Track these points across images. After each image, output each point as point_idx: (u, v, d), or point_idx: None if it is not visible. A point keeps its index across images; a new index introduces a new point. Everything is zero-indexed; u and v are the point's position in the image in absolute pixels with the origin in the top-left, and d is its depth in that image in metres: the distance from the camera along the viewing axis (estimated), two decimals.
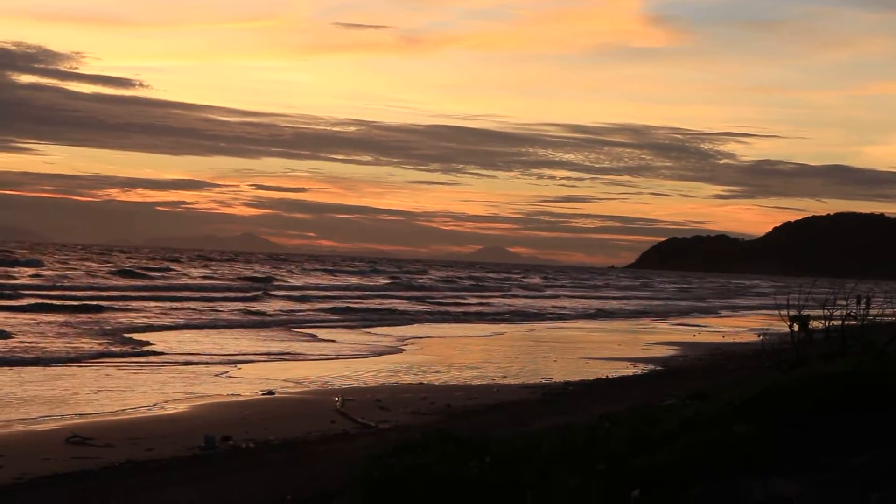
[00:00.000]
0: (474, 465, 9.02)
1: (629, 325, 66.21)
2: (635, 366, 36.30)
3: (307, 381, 29.11)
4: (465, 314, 68.70)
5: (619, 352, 43.01)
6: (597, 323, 67.68)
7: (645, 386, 28.17)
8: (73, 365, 31.19)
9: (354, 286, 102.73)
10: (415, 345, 43.58)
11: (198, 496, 12.81)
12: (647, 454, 9.04)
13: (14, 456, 17.08)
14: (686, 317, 78.62)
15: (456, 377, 31.69)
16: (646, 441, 9.30)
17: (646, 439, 9.34)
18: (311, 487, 10.81)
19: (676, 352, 43.87)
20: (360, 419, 21.69)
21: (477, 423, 19.90)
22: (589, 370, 34.38)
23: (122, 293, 69.21)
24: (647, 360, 38.87)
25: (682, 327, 64.57)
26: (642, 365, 36.65)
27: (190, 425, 20.74)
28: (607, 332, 58.13)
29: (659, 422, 9.87)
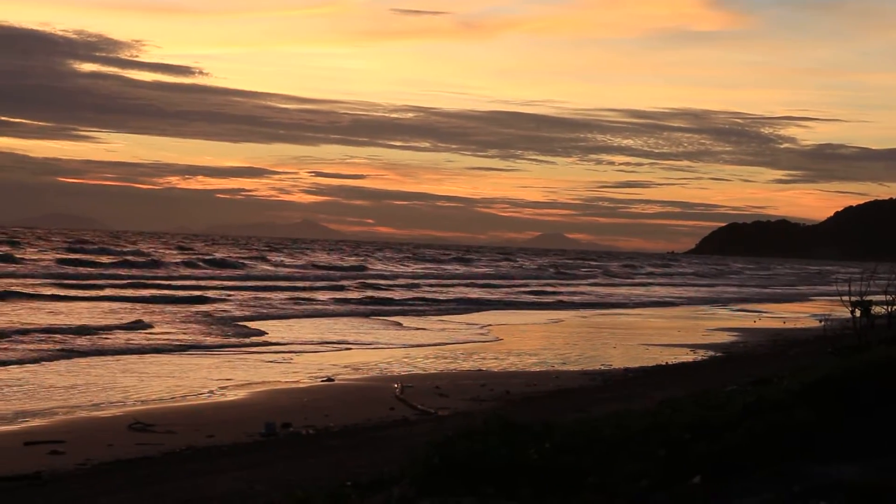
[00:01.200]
0: (534, 451, 9.00)
1: (688, 312, 65.87)
2: (695, 352, 36.12)
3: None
4: (562, 303, 68.62)
5: (678, 338, 42.81)
6: (658, 309, 67.42)
7: (705, 372, 28.02)
8: (207, 354, 31.84)
9: (449, 274, 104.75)
10: (487, 332, 43.66)
11: (258, 482, 12.86)
12: (708, 440, 8.98)
13: (79, 441, 17.26)
14: (746, 303, 78.11)
15: (515, 364, 31.68)
16: (707, 427, 9.24)
17: (707, 425, 9.28)
18: (370, 473, 10.82)
19: (737, 338, 43.63)
20: (420, 406, 21.72)
21: (536, 409, 19.87)
22: (649, 357, 34.26)
23: (221, 282, 70.54)
24: (707, 346, 38.68)
25: (742, 313, 64.20)
26: (702, 351, 36.47)
27: (251, 412, 20.87)
28: (666, 319, 57.90)
29: (720, 407, 9.81)
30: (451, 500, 8.40)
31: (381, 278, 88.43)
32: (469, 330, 44.37)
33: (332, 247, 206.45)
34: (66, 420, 19.94)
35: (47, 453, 16.34)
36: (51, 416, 20.27)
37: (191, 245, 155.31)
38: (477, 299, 66.54)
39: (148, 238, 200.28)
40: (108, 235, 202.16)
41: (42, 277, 65.95)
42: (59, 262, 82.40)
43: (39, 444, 17.02)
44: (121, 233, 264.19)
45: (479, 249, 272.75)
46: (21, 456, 16.13)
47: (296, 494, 9.52)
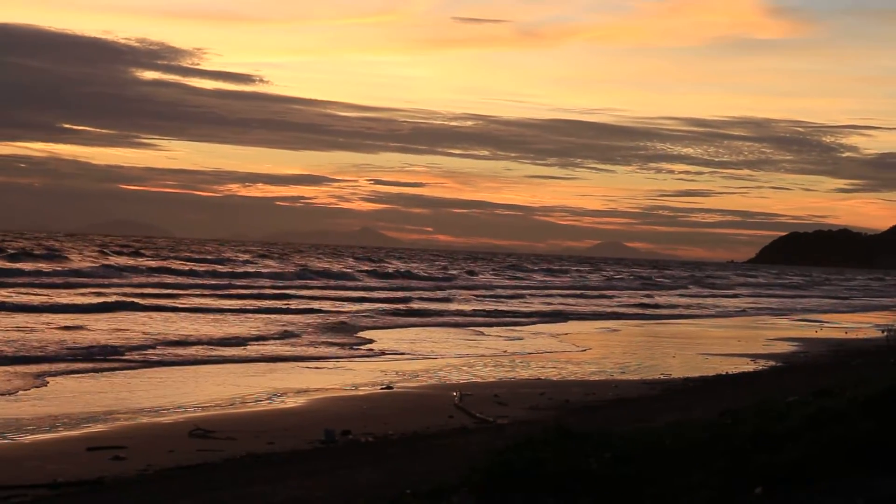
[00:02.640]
0: (594, 460, 8.99)
1: (748, 321, 65.46)
2: (756, 362, 35.88)
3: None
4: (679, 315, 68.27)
5: (738, 348, 42.55)
6: (722, 319, 67.04)
7: (766, 382, 27.81)
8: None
9: (540, 284, 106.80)
10: (562, 340, 43.59)
11: (317, 490, 12.91)
12: (769, 451, 8.93)
13: (140, 447, 17.39)
14: (808, 313, 77.51)
15: (574, 372, 31.60)
16: (768, 437, 9.19)
17: (768, 436, 9.23)
18: (430, 482, 10.82)
19: (798, 348, 43.31)
20: (478, 414, 21.71)
21: (595, 418, 19.81)
22: (708, 366, 34.05)
23: (324, 292, 71.06)
24: (767, 356, 38.42)
25: (803, 323, 63.72)
26: (763, 361, 36.22)
27: (311, 419, 20.94)
28: (726, 328, 57.55)
29: (781, 418, 9.75)
30: None
31: (477, 289, 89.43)
32: (541, 339, 44.34)
33: (404, 255, 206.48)
34: (127, 426, 20.10)
35: (109, 459, 16.47)
36: (112, 422, 20.45)
37: (283, 253, 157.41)
38: (570, 311, 66.17)
39: (231, 246, 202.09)
40: (194, 244, 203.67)
41: (151, 287, 66.60)
42: (153, 270, 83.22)
43: (102, 450, 17.16)
44: (184, 239, 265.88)
45: (559, 259, 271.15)
46: (84, 461, 16.27)
47: (357, 502, 9.55)
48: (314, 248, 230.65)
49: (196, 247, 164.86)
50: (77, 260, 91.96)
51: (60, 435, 19.01)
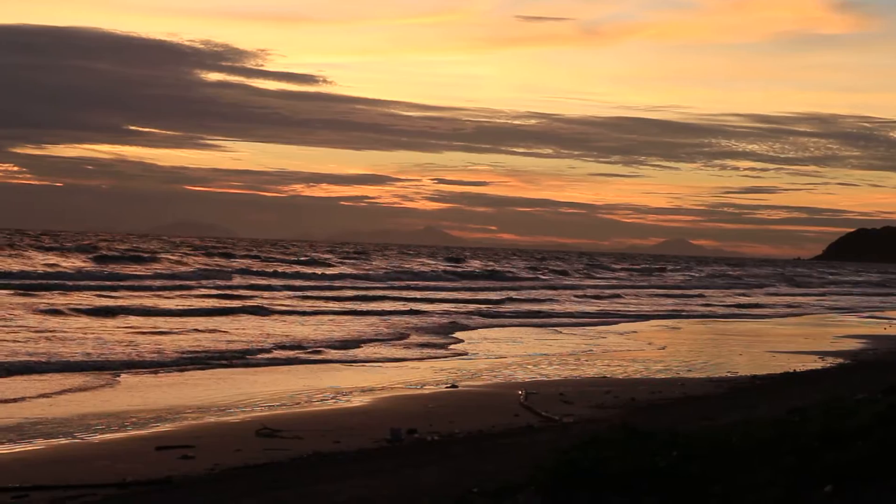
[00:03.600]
0: (660, 459, 8.95)
1: (815, 319, 64.93)
2: (823, 359, 35.60)
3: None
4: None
5: (806, 345, 42.22)
6: (790, 317, 66.55)
7: (834, 380, 27.59)
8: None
9: (629, 283, 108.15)
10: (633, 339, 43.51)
11: (384, 488, 12.95)
12: (838, 449, 8.85)
13: (208, 446, 17.52)
14: (875, 310, 76.76)
15: (639, 371, 31.48)
16: (837, 436, 9.11)
17: (837, 434, 9.15)
18: (495, 480, 10.83)
19: (866, 345, 42.91)
20: (544, 412, 21.68)
21: (662, 417, 19.73)
22: (776, 364, 33.81)
23: (422, 293, 71.54)
24: (835, 353, 38.10)
25: (871, 320, 63.10)
26: (831, 358, 35.93)
27: (376, 418, 21.00)
28: (793, 326, 57.14)
29: (850, 416, 9.66)
30: None
31: (573, 288, 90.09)
32: (617, 337, 44.26)
33: (482, 254, 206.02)
34: (195, 425, 20.25)
35: (178, 458, 16.61)
36: (181, 421, 20.61)
37: (359, 252, 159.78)
38: (684, 311, 66.02)
39: (305, 246, 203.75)
40: (270, 244, 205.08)
41: (278, 290, 67.35)
42: (250, 272, 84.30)
43: (170, 449, 17.31)
44: (256, 240, 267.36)
45: (630, 257, 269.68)
46: (153, 460, 16.42)
47: (422, 501, 9.57)
48: (386, 248, 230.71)
49: (274, 247, 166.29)
50: (173, 262, 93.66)
51: (129, 434, 19.19)
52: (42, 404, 22.20)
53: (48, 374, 26.24)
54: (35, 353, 29.85)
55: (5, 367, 26.63)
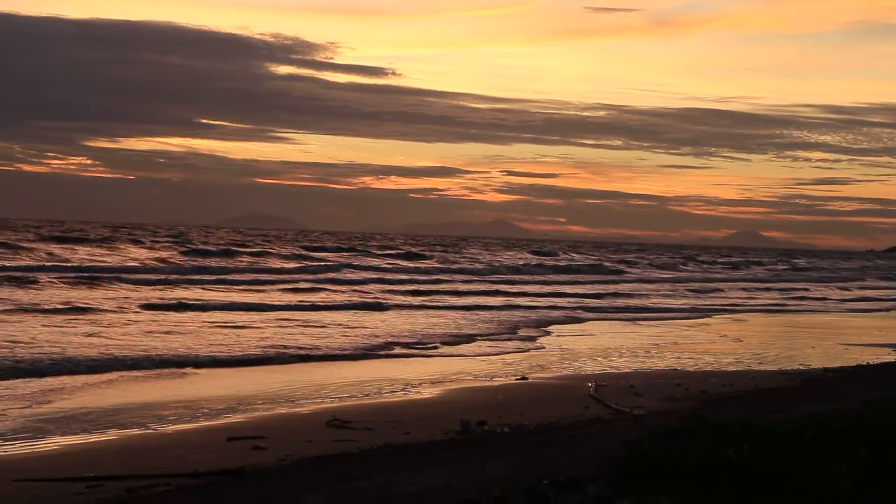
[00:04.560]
0: (732, 451, 8.90)
1: (887, 312, 64.21)
2: None
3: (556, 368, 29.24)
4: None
5: (879, 338, 41.79)
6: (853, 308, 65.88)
7: None
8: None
9: (725, 276, 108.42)
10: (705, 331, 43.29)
11: (454, 480, 12.96)
12: None
13: (279, 437, 17.62)
14: None
15: (710, 363, 31.30)
16: None
17: None
18: (566, 472, 10.81)
19: None
20: (614, 405, 21.61)
21: (733, 409, 19.59)
22: (849, 356, 33.51)
23: (526, 287, 71.53)
24: None
25: None
26: None
27: (446, 409, 21.03)
28: (865, 318, 56.58)
29: None
30: (648, 500, 8.35)
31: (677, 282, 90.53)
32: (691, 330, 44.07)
33: (563, 247, 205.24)
34: (266, 416, 20.39)
35: (250, 448, 16.72)
36: (252, 412, 20.76)
37: (447, 244, 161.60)
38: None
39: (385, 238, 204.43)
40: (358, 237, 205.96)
41: (399, 283, 68.15)
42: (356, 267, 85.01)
43: (242, 440, 17.43)
44: (324, 233, 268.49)
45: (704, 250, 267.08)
46: (225, 451, 16.54)
47: (493, 492, 9.58)
48: (466, 240, 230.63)
49: (360, 240, 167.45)
50: (273, 255, 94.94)
51: (202, 425, 19.36)
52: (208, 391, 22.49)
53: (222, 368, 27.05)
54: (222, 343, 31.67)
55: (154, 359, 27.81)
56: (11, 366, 25.15)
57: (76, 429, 18.72)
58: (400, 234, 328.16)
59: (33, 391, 22.43)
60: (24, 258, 71.74)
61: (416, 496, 11.57)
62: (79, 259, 73.99)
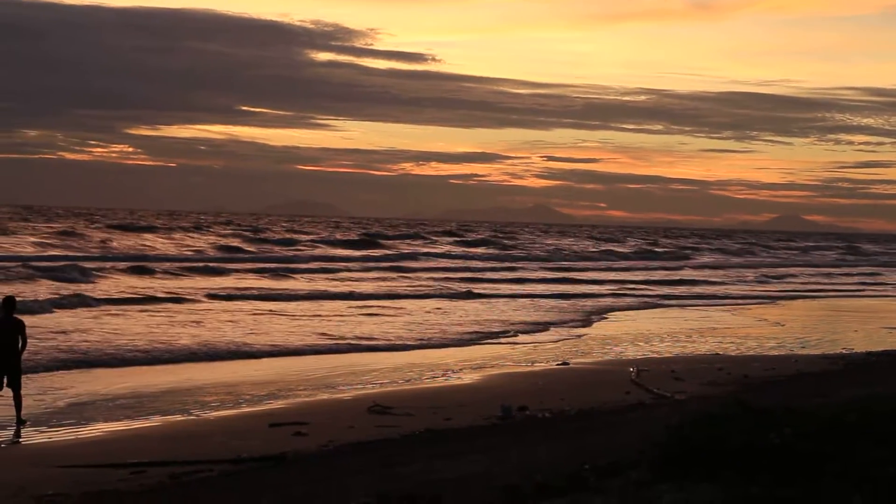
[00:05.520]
0: (774, 435, 8.85)
1: None
2: None
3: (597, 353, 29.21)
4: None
5: None
6: None
7: None
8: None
9: (790, 261, 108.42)
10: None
11: (495, 465, 12.95)
12: None
13: (321, 423, 17.67)
14: None
15: (752, 347, 31.18)
16: None
17: None
18: (607, 457, 10.78)
19: None
20: (656, 389, 21.56)
21: (775, 393, 19.50)
22: (892, 340, 33.32)
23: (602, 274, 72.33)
24: None
25: None
26: None
27: (487, 395, 21.03)
28: None
29: None
30: (689, 485, 8.32)
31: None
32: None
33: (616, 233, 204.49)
34: (308, 402, 20.46)
35: (292, 434, 16.78)
36: (293, 398, 20.84)
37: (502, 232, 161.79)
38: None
39: (430, 224, 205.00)
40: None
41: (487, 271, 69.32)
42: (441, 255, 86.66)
43: (284, 426, 17.49)
44: (362, 219, 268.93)
45: (750, 234, 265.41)
46: (267, 437, 16.61)
47: (534, 477, 9.58)
48: (523, 227, 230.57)
49: (421, 226, 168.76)
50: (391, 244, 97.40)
51: (244, 411, 19.45)
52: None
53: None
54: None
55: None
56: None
57: (119, 415, 18.86)
58: (440, 220, 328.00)
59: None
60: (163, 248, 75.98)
61: (457, 482, 11.56)
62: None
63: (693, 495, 8.08)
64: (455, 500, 9.72)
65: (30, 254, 64.11)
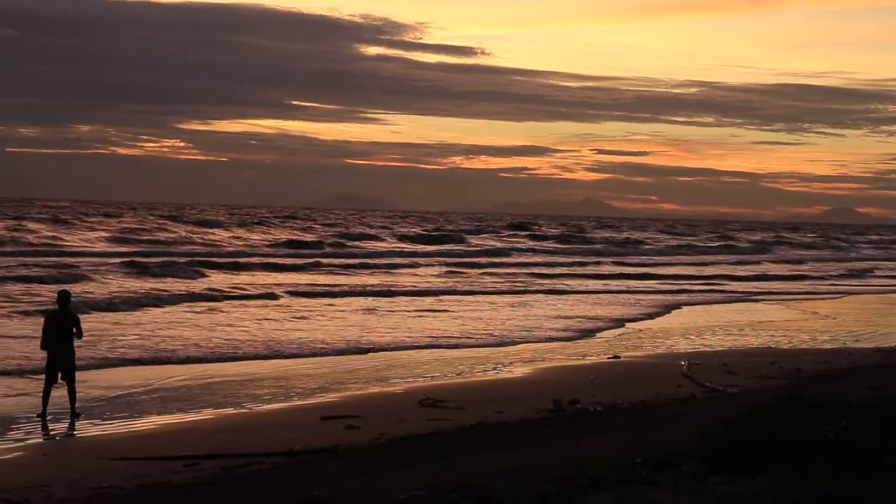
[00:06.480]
0: (829, 429, 8.81)
1: None
2: None
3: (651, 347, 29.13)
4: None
5: None
6: None
7: None
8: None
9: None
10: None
11: (548, 458, 12.94)
12: None
13: (372, 416, 17.71)
14: None
15: (805, 341, 30.97)
16: None
17: None
18: (659, 450, 10.75)
19: None
20: (707, 383, 21.45)
21: (829, 387, 19.36)
22: None
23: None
24: None
25: None
26: None
27: (538, 388, 21.00)
28: None
29: None
30: (742, 478, 8.29)
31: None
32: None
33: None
34: (359, 396, 20.51)
35: (343, 427, 16.82)
36: (344, 391, 20.90)
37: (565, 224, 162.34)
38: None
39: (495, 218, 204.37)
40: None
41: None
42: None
43: (335, 419, 17.54)
44: (410, 213, 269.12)
45: (802, 227, 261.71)
46: (318, 430, 16.66)
47: (587, 470, 9.57)
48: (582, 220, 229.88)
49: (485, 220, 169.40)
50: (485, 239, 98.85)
51: (295, 405, 19.52)
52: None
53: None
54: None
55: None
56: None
57: (172, 408, 18.98)
58: (496, 214, 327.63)
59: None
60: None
61: (509, 474, 11.56)
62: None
63: (746, 488, 8.06)
64: (508, 492, 9.72)
65: (136, 250, 65.07)
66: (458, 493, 9.68)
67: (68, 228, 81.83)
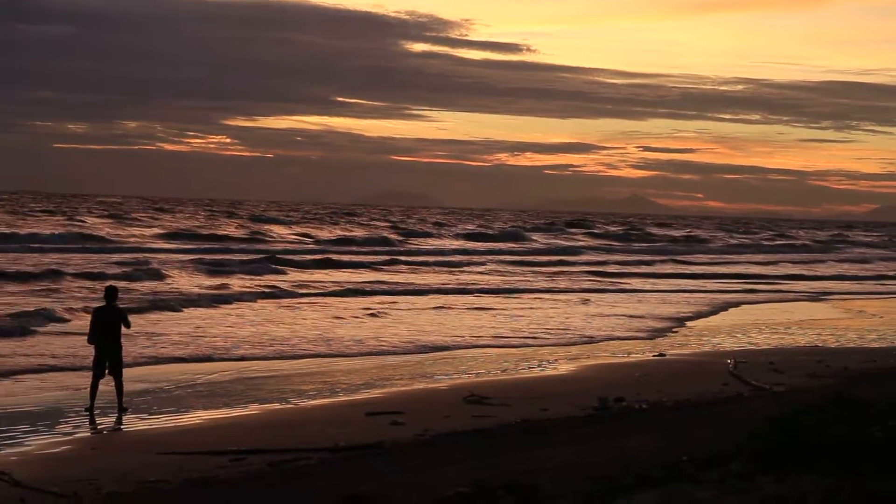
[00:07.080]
0: (877, 428, 8.75)
1: None
2: None
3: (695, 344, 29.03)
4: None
5: None
6: None
7: None
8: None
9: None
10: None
11: (593, 455, 12.92)
12: None
13: (417, 413, 17.73)
14: None
15: (853, 339, 30.77)
16: None
17: None
18: (706, 449, 10.72)
19: None
20: (754, 382, 21.34)
21: (876, 386, 19.23)
22: None
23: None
24: None
25: None
26: None
27: (583, 386, 20.97)
28: None
29: None
30: (790, 477, 8.25)
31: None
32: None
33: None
34: (404, 392, 20.54)
35: (388, 423, 16.85)
36: (390, 388, 20.93)
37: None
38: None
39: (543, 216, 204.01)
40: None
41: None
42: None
43: (380, 415, 17.58)
44: (454, 209, 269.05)
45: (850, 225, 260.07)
46: (364, 426, 16.70)
47: (632, 468, 9.55)
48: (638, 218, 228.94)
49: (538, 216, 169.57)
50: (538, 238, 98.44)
51: (340, 400, 19.58)
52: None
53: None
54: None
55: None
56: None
57: (218, 403, 19.08)
58: (539, 211, 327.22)
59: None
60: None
61: (554, 471, 11.56)
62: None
63: (793, 488, 8.02)
64: (553, 489, 9.72)
65: (220, 246, 66.71)
66: (503, 490, 9.69)
67: (126, 224, 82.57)
